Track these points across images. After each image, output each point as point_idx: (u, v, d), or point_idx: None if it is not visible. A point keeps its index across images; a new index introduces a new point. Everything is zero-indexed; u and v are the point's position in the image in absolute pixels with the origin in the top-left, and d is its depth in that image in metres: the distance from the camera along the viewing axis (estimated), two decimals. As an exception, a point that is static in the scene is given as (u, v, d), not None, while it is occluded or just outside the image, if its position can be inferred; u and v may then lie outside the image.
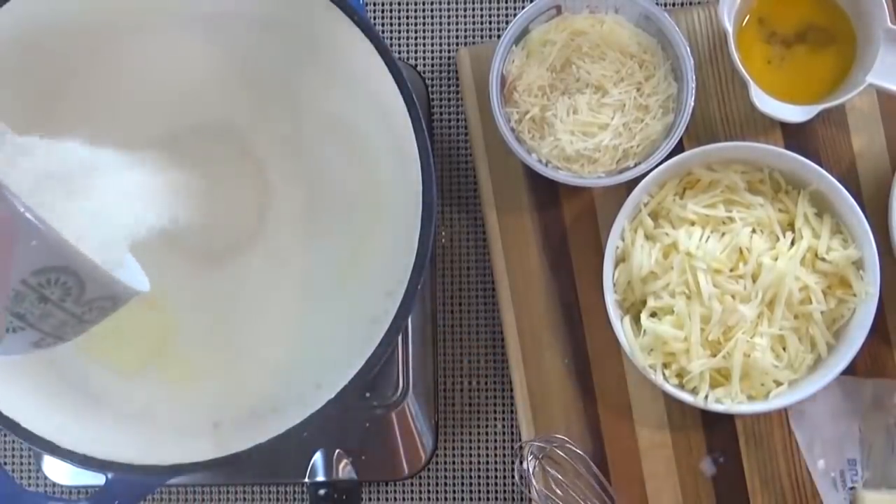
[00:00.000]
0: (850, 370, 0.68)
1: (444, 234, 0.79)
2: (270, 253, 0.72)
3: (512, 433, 0.78)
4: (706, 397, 0.69)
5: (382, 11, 0.81)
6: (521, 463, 0.74)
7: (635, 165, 0.71)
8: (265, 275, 0.72)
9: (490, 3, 0.80)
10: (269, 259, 0.72)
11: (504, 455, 0.78)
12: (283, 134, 0.72)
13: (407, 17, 0.80)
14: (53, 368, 0.68)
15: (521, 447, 0.73)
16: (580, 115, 0.71)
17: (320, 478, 0.73)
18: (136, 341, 0.69)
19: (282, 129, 0.72)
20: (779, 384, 0.69)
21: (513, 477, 0.78)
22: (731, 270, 0.69)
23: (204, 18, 0.69)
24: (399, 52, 0.80)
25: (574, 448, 0.73)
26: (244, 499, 0.79)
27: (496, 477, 0.78)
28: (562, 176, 0.71)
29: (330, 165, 0.72)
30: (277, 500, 0.79)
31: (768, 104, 0.71)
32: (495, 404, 0.78)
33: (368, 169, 0.70)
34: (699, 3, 0.79)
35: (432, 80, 0.80)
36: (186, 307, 0.71)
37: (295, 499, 0.79)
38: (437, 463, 0.78)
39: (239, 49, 0.70)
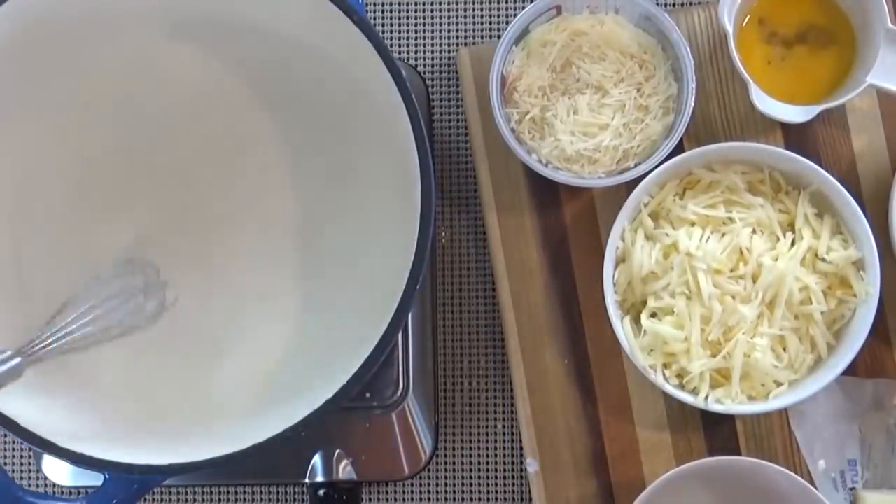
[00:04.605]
0: (850, 370, 0.68)
1: (444, 234, 0.79)
2: (269, 253, 0.72)
3: (512, 433, 0.78)
4: (706, 398, 0.69)
5: (382, 11, 0.81)
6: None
7: (635, 166, 0.71)
8: (264, 274, 0.72)
9: (490, 3, 0.80)
10: (267, 259, 0.72)
11: (504, 455, 0.78)
12: (280, 136, 0.72)
13: (407, 17, 0.80)
14: (52, 367, 0.68)
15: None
16: (580, 115, 0.71)
17: (320, 478, 0.73)
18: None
19: (279, 130, 0.72)
20: (779, 384, 0.69)
21: (513, 477, 0.78)
22: (732, 271, 0.69)
23: (195, 23, 0.69)
24: (399, 52, 0.80)
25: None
26: (244, 499, 0.79)
27: (496, 477, 0.78)
28: (562, 176, 0.71)
29: (329, 166, 0.72)
30: (277, 500, 0.79)
31: (768, 104, 0.71)
32: (495, 404, 0.78)
33: (367, 169, 0.70)
34: (699, 3, 0.78)
35: (432, 80, 0.80)
36: (186, 307, 0.71)
37: (295, 499, 0.79)
38: (437, 463, 0.78)
39: (235, 52, 0.70)
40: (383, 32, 0.80)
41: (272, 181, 0.73)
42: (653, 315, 0.70)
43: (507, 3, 0.80)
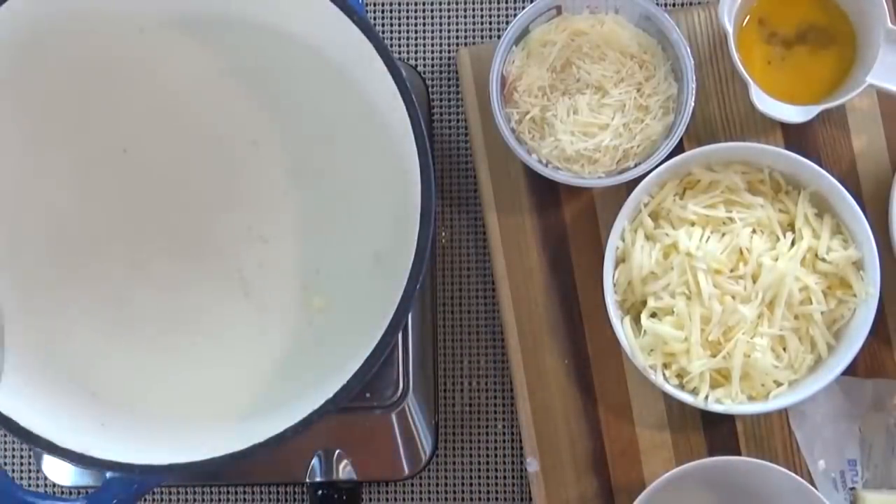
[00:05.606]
0: (850, 370, 0.68)
1: (444, 234, 0.79)
2: (269, 252, 0.72)
3: (512, 433, 0.78)
4: (706, 398, 0.69)
5: (382, 11, 0.81)
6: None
7: (635, 166, 0.71)
8: (265, 274, 0.72)
9: (490, 3, 0.80)
10: (267, 259, 0.72)
11: (504, 455, 0.78)
12: (280, 136, 0.72)
13: (407, 17, 0.80)
14: (52, 366, 0.68)
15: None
16: (580, 115, 0.71)
17: (320, 478, 0.73)
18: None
19: (279, 131, 0.72)
20: (779, 384, 0.69)
21: (513, 477, 0.78)
22: (732, 271, 0.69)
23: (196, 22, 0.69)
24: (399, 52, 0.80)
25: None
26: (244, 499, 0.79)
27: (496, 477, 0.78)
28: (562, 176, 0.71)
29: (328, 167, 0.72)
30: (277, 500, 0.79)
31: (768, 104, 0.71)
32: (495, 404, 0.78)
33: (368, 169, 0.70)
34: (699, 3, 0.78)
35: (432, 80, 0.80)
36: (186, 308, 0.71)
37: (295, 499, 0.79)
38: (437, 463, 0.78)
39: (233, 51, 0.70)
40: (383, 32, 0.80)
41: (270, 182, 0.72)
42: (653, 315, 0.70)
43: (507, 3, 0.80)
